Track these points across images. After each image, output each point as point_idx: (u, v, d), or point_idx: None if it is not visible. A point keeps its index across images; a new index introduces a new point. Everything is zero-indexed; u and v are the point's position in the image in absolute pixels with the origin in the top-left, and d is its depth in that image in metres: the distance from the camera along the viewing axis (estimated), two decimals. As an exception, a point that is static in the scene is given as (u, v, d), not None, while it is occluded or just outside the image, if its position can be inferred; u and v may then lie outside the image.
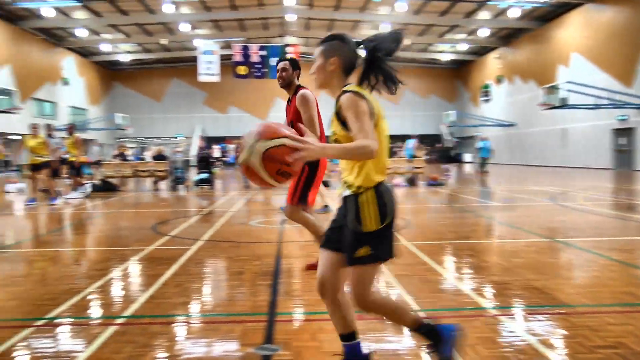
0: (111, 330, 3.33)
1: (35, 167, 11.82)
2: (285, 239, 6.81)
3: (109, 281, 4.66)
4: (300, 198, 4.63)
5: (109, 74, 46.44)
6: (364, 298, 2.39)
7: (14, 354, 2.98)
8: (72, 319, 3.60)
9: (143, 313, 3.69)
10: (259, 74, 30.24)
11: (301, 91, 4.69)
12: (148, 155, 27.79)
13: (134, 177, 17.52)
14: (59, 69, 37.84)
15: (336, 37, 2.47)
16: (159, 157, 18.41)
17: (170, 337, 3.26)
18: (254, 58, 29.91)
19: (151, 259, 5.58)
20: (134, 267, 5.29)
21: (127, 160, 21.30)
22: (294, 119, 4.66)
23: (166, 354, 2.96)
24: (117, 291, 4.44)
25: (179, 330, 3.41)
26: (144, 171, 17.20)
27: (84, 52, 41.08)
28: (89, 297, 4.15)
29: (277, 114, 45.31)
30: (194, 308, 3.90)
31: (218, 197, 13.78)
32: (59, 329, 3.43)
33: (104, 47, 39.46)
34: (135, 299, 4.01)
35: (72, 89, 39.74)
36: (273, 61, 29.49)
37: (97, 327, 3.43)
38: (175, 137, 45.37)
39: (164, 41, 37.74)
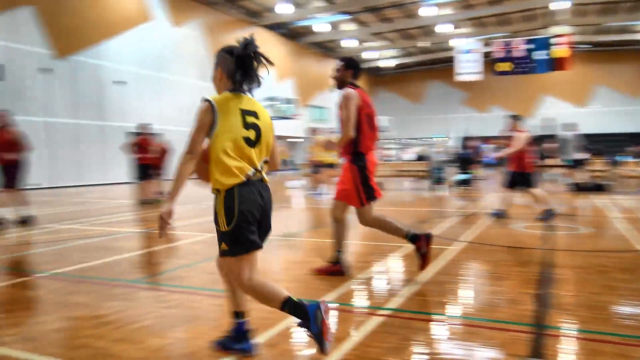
0: (376, 320, 3.50)
1: (322, 165, 13.25)
2: (555, 246, 6.24)
3: (372, 273, 4.93)
4: (368, 197, 4.63)
5: (373, 80, 49.42)
6: (239, 283, 2.79)
7: (293, 330, 3.37)
8: (341, 305, 3.90)
9: (406, 308, 3.79)
10: (525, 69, 28.40)
11: (343, 90, 4.68)
12: (407, 155, 28.70)
13: (394, 176, 18.27)
14: (330, 77, 41.92)
15: (223, 49, 2.87)
16: (420, 157, 18.82)
17: (430, 335, 3.27)
18: (518, 53, 28.22)
19: (411, 257, 5.71)
20: (395, 263, 5.49)
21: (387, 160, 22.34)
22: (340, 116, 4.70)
23: (427, 351, 2.98)
24: (380, 284, 4.66)
25: (439, 329, 3.40)
26: (404, 171, 17.80)
27: (352, 60, 44.63)
28: (355, 286, 4.45)
29: (545, 112, 42.11)
30: (454, 309, 3.84)
31: (478, 198, 13.43)
32: (330, 313, 3.75)
33: (369, 55, 42.18)
34: (397, 293, 4.15)
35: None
36: (539, 54, 27.41)
37: (362, 315, 3.65)
38: (435, 138, 45.88)
39: (423, 44, 38.53)
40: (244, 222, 2.67)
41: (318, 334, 2.70)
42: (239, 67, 2.77)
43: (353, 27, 34.93)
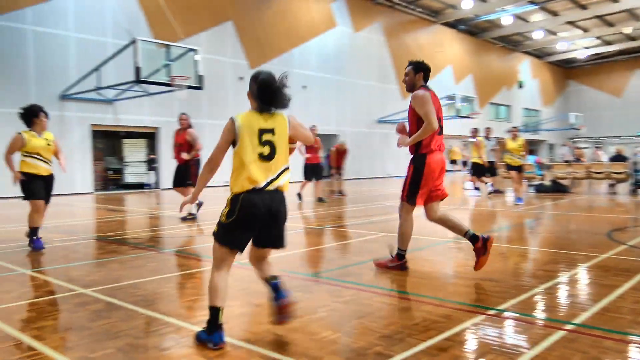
0: (558, 334, 3.20)
1: (511, 168, 12.51)
2: None
3: (557, 284, 4.52)
4: (409, 196, 4.96)
5: (563, 73, 45.42)
6: (213, 265, 3.31)
7: (465, 335, 3.23)
8: (520, 315, 3.64)
9: (594, 324, 3.40)
10: None
11: (416, 92, 4.92)
12: (602, 155, 25.76)
13: (586, 178, 16.56)
14: (515, 73, 39.47)
15: (252, 75, 3.28)
16: (618, 157, 16.79)
17: (626, 358, 2.88)
18: None
19: (604, 268, 5.11)
20: (584, 274, 4.96)
21: (578, 161, 20.31)
22: (410, 118, 5.01)
23: (621, 376, 2.63)
24: (565, 296, 4.25)
25: (637, 353, 2.98)
26: (598, 173, 16.03)
27: (539, 53, 41.52)
28: (537, 297, 4.11)
29: None
30: (657, 331, 3.34)
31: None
32: (506, 322, 3.53)
33: (560, 46, 38.83)
34: (586, 308, 3.74)
35: (526, 91, 40.79)
36: None
37: (543, 328, 3.36)
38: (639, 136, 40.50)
39: (627, 30, 34.21)
40: (239, 224, 3.11)
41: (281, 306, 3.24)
42: (260, 93, 3.16)
43: (541, 17, 32.45)
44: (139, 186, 20.20)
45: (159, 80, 14.35)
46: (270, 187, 3.14)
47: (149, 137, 20.33)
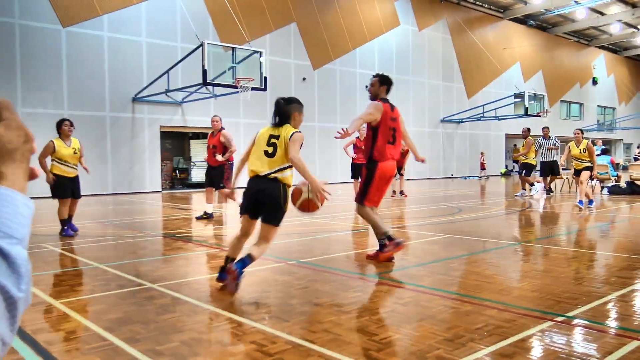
0: (633, 344, 3.02)
1: (577, 172, 11.60)
2: None
3: (632, 292, 4.27)
4: (361, 197, 5.55)
5: (641, 68, 42.87)
6: None
7: (532, 341, 3.11)
8: (591, 323, 3.46)
9: (673, 336, 3.18)
10: None
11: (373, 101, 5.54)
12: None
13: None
14: (589, 68, 37.62)
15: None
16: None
17: None
18: None
19: (686, 275, 4.78)
20: (664, 281, 4.65)
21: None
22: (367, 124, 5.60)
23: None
24: (641, 304, 4.01)
25: None
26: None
27: (616, 48, 39.39)
28: (610, 304, 3.90)
29: None
30: None
31: None
32: (576, 330, 3.37)
33: (639, 40, 36.68)
34: (664, 318, 3.51)
35: (600, 88, 38.78)
36: None
37: (617, 337, 3.18)
38: None
39: None
40: (244, 199, 4.41)
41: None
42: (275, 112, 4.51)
43: (618, 10, 30.77)
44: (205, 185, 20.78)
45: (225, 82, 14.74)
46: (267, 177, 4.27)
47: (215, 137, 20.89)
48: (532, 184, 14.86)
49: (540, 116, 26.00)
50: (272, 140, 4.32)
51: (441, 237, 7.29)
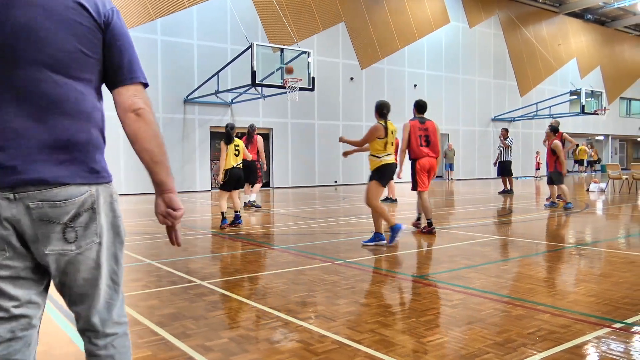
0: (699, 355, 2.85)
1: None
2: None
3: (698, 298, 4.03)
4: (413, 186, 7.81)
5: None
6: None
7: (587, 348, 2.99)
8: (652, 331, 3.30)
9: None
10: None
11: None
12: None
13: None
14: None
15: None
16: None
17: None
18: None
19: None
20: None
21: None
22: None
23: None
24: None
25: None
26: None
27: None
28: (673, 311, 3.70)
29: None
30: None
31: None
32: (635, 338, 3.21)
33: None
34: None
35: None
36: None
37: (681, 347, 3.02)
38: None
39: None
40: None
41: None
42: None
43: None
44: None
45: (273, 83, 14.90)
46: (237, 168, 8.13)
47: (263, 137, 21.16)
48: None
49: (597, 114, 25.02)
50: (237, 148, 7.90)
51: (492, 239, 7.12)
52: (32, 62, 1.50)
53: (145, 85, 1.69)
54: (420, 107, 8.02)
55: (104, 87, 1.71)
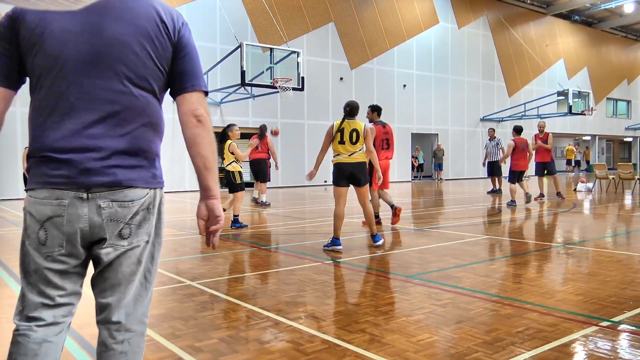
0: (684, 353, 2.89)
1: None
2: None
3: (683, 297, 4.09)
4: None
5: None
6: None
7: (575, 347, 3.02)
8: (637, 328, 3.34)
9: None
10: None
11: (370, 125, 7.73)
12: None
13: None
14: (638, 65, 36.30)
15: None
16: None
17: None
18: None
19: None
20: None
21: None
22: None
23: None
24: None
25: None
26: None
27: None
28: (659, 309, 3.75)
29: None
30: None
31: None
32: (622, 336, 3.25)
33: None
34: None
35: (650, 85, 37.38)
36: None
37: (666, 345, 3.06)
38: None
39: None
40: None
41: None
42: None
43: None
44: (246, 185, 21.09)
45: (263, 82, 14.88)
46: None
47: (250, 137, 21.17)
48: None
49: (585, 114, 25.24)
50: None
51: (481, 238, 7.16)
52: (116, 73, 1.63)
53: (206, 93, 1.81)
54: (380, 111, 8.65)
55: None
